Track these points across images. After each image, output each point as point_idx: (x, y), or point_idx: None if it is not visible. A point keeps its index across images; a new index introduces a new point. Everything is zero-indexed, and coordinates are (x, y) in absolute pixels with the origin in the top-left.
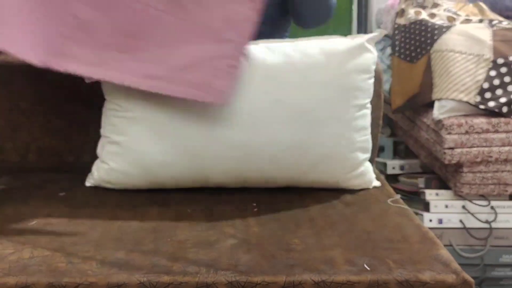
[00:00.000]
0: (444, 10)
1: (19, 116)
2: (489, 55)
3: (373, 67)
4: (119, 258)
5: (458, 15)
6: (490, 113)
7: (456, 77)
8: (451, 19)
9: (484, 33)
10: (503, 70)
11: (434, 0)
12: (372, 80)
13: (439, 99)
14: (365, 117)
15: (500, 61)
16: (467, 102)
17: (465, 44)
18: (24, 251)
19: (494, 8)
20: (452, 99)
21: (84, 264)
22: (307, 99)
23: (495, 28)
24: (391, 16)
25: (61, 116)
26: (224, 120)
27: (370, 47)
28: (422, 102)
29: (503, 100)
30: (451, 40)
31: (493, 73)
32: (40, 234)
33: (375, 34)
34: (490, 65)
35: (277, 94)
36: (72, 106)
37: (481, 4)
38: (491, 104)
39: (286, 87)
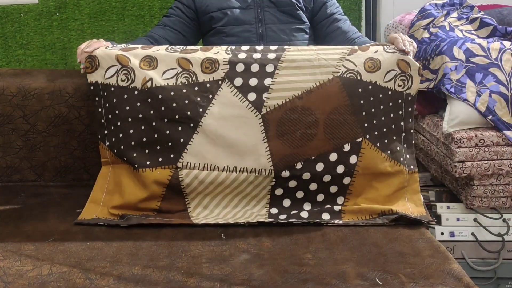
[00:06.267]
0: None
1: (35, 137)
2: None
3: None
4: (135, 274)
5: None
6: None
7: None
8: None
9: None
10: None
11: None
12: None
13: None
14: None
15: None
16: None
17: None
18: (43, 268)
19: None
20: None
21: (101, 280)
22: None
23: None
24: (399, 31)
25: (76, 136)
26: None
27: None
28: None
29: None
30: None
31: None
32: (57, 251)
33: None
34: None
35: None
36: (87, 126)
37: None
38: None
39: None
